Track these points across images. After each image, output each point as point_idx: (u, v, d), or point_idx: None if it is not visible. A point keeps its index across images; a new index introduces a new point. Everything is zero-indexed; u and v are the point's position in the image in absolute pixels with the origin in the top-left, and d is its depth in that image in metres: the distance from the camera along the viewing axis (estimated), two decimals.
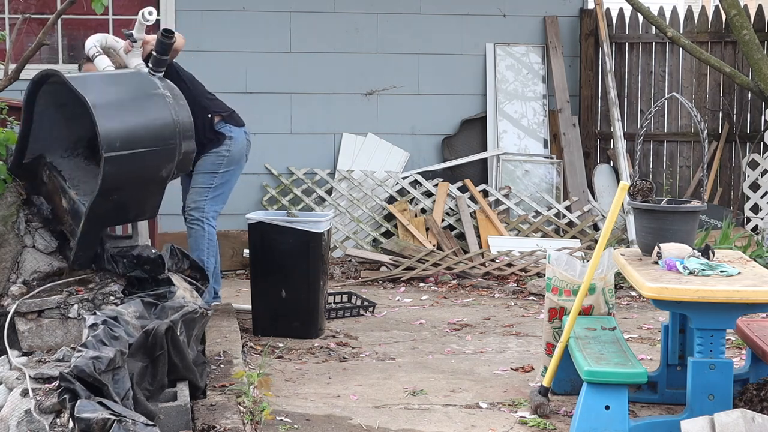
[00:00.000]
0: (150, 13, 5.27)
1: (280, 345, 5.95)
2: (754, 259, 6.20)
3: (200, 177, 6.25)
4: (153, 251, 4.81)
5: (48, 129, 4.90)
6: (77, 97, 4.55)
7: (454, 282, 7.93)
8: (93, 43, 5.55)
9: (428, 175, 8.93)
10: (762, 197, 9.11)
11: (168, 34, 5.08)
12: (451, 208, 8.87)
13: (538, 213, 8.86)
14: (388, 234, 8.70)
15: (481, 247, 8.47)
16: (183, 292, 4.85)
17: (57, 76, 4.67)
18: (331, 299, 6.89)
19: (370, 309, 6.90)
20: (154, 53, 5.11)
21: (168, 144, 4.74)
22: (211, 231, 6.26)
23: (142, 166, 4.67)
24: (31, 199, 4.92)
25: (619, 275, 6.67)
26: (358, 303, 6.98)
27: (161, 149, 4.72)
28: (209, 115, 6.24)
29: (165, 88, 4.88)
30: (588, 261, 5.16)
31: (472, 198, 8.86)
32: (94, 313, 4.27)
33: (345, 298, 7.09)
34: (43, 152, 4.89)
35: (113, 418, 3.48)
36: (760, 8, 9.31)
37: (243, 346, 5.70)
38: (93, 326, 4.08)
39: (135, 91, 4.87)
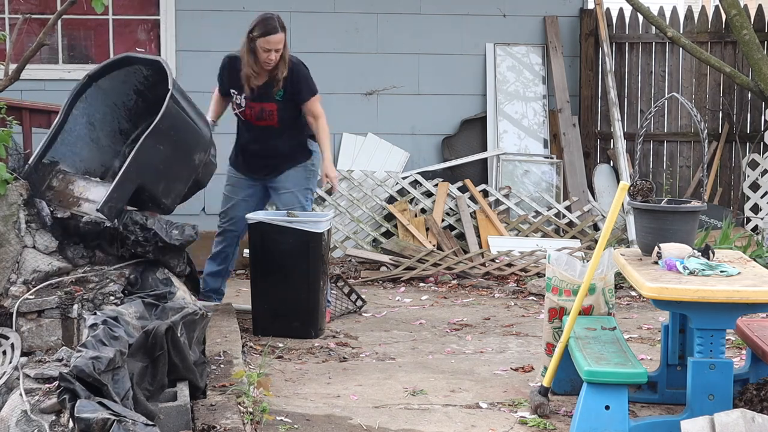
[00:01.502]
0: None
1: (280, 345, 5.95)
2: (754, 259, 6.19)
3: (298, 195, 6.46)
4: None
5: (74, 139, 5.24)
6: (105, 121, 5.32)
7: (454, 282, 7.92)
8: None
9: (428, 175, 8.93)
10: (762, 197, 9.11)
11: None
12: (451, 208, 8.87)
13: (538, 213, 8.86)
14: (388, 234, 8.69)
15: (481, 247, 8.47)
16: (183, 293, 4.85)
17: (130, 58, 5.39)
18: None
19: (359, 303, 6.88)
20: None
21: (206, 134, 5.56)
22: None
23: (187, 131, 5.30)
24: (32, 200, 4.93)
25: (619, 275, 6.67)
26: (351, 296, 6.92)
27: (201, 131, 5.46)
28: (305, 133, 6.50)
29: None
30: (588, 261, 5.16)
31: (472, 198, 8.85)
32: (94, 313, 4.27)
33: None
34: (60, 160, 5.04)
35: (113, 418, 3.47)
36: (760, 8, 9.30)
37: (243, 346, 5.70)
38: (93, 326, 4.08)
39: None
